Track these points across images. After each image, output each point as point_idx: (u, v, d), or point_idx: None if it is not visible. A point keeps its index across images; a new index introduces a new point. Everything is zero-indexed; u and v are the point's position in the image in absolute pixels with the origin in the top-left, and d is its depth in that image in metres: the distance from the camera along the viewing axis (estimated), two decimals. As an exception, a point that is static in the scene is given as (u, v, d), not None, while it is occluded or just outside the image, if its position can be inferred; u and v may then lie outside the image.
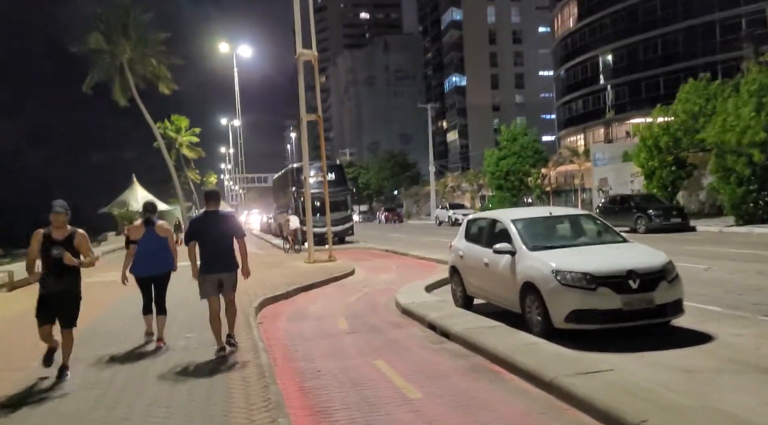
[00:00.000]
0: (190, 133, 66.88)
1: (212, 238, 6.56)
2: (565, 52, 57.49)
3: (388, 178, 69.02)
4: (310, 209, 18.00)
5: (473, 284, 8.52)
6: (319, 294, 11.86)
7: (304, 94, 17.50)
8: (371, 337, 7.52)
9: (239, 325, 7.95)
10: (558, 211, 8.29)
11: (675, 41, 44.64)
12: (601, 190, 33.00)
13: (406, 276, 13.80)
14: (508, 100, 78.78)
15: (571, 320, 6.32)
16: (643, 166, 24.33)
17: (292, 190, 28.54)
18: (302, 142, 17.78)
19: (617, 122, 50.06)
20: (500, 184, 38.87)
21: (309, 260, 17.35)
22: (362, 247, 24.24)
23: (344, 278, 14.02)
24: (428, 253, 18.14)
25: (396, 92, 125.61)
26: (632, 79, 47.95)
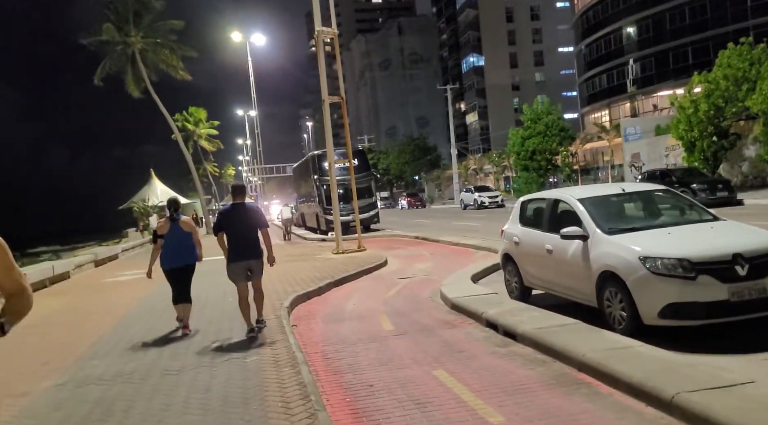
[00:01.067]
0: (208, 125, 66.41)
1: (239, 229, 7.07)
2: (586, 26, 55.54)
3: (408, 162, 67.85)
4: (336, 197, 17.02)
5: (532, 274, 7.53)
6: (353, 288, 10.96)
7: (324, 77, 16.49)
8: (423, 340, 6.59)
9: (272, 330, 7.16)
10: (631, 187, 7.22)
11: (703, 8, 42.65)
12: (633, 166, 31.63)
13: (443, 265, 12.86)
14: (528, 78, 76.84)
15: (667, 315, 5.31)
16: (683, 137, 22.96)
17: (314, 178, 27.66)
18: (325, 124, 16.82)
19: (643, 96, 48.25)
20: (526, 164, 37.61)
21: (337, 250, 16.49)
22: (389, 235, 23.32)
23: (377, 269, 13.10)
24: (461, 239, 17.18)
25: (411, 75, 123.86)
26: (659, 50, 46.04)
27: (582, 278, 6.33)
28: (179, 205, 7.95)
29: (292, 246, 21.62)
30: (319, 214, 28.25)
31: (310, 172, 28.94)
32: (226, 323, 8.01)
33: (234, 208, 7.26)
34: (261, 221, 7.28)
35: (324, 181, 27.19)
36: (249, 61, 51.80)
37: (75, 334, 8.28)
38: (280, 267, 14.35)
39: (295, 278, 11.85)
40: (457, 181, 51.24)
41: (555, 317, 6.28)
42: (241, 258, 7.05)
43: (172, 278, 7.58)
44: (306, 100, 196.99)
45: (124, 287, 13.65)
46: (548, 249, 6.93)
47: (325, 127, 16.82)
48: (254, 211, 7.37)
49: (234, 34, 47.11)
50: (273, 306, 8.83)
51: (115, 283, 14.72)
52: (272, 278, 12.04)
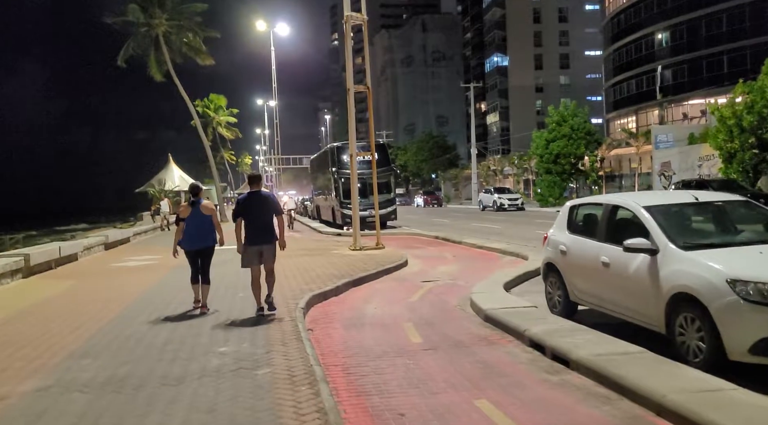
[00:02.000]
0: (227, 112, 65.93)
1: (255, 215, 7.56)
2: (616, 30, 54.24)
3: (426, 159, 66.89)
4: (356, 191, 16.24)
5: (581, 288, 6.68)
6: (372, 289, 10.16)
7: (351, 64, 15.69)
8: (458, 358, 5.77)
9: (287, 334, 6.43)
10: (705, 196, 6.33)
11: (742, 16, 41.27)
12: (663, 175, 30.53)
13: (468, 269, 12.04)
14: (553, 80, 75.48)
15: (760, 351, 4.45)
16: (721, 148, 21.89)
17: (332, 171, 26.90)
18: (349, 115, 16.01)
19: (673, 104, 46.93)
20: (549, 167, 36.56)
21: (355, 247, 15.70)
22: (408, 233, 22.49)
23: (397, 270, 12.29)
24: (485, 242, 16.33)
25: (433, 73, 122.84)
26: (691, 57, 44.72)
27: (647, 298, 5.48)
28: (200, 190, 8.43)
29: (307, 240, 20.87)
30: (335, 208, 27.51)
31: (328, 164, 28.18)
32: (233, 322, 7.25)
33: (251, 196, 7.68)
34: (276, 209, 7.82)
35: (342, 173, 26.45)
36: (272, 50, 51.20)
37: (71, 325, 7.56)
38: (295, 261, 13.66)
39: (311, 274, 11.09)
40: (475, 181, 50.27)
41: (614, 342, 5.43)
42: (256, 243, 7.54)
43: (191, 258, 8.09)
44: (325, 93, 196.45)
45: (131, 274, 12.96)
46: (604, 262, 6.08)
47: (348, 117, 16.02)
48: (270, 199, 7.82)
49: (259, 23, 46.52)
50: (287, 305, 8.07)
51: (122, 269, 14.04)
52: (287, 273, 11.30)
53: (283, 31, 47.87)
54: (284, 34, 48.14)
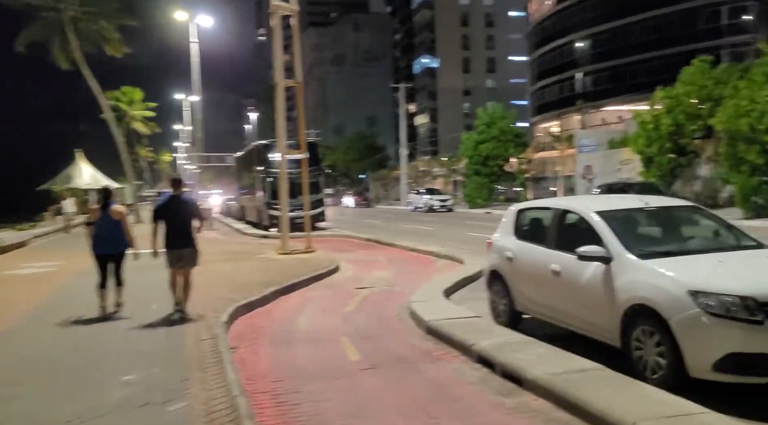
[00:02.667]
0: (143, 106, 62.76)
1: (175, 219, 7.53)
2: (541, 36, 55.83)
3: (356, 160, 66.39)
4: (286, 190, 15.46)
5: (529, 297, 6.33)
6: (303, 298, 9.49)
7: (280, 57, 14.90)
8: (403, 377, 5.24)
9: (206, 355, 5.70)
10: (654, 201, 6.10)
11: (657, 27, 43.35)
12: (585, 178, 31.44)
13: (404, 274, 11.59)
14: (480, 84, 76.93)
15: (725, 369, 4.18)
16: (642, 152, 22.64)
17: (258, 170, 25.86)
18: (277, 111, 15.21)
19: (593, 109, 48.71)
20: (478, 169, 36.93)
21: (283, 250, 14.93)
22: (338, 235, 21.86)
23: (329, 276, 11.66)
24: (419, 244, 15.96)
25: (364, 73, 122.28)
26: (611, 65, 46.60)
27: (601, 310, 5.15)
28: (110, 194, 8.21)
29: (231, 242, 19.83)
30: (261, 208, 26.47)
31: (254, 162, 27.11)
32: (144, 341, 6.41)
33: (171, 200, 7.67)
34: (195, 213, 7.83)
35: (270, 172, 25.48)
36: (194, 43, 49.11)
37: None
38: (217, 267, 12.73)
39: (235, 282, 10.28)
40: (405, 181, 50.25)
41: (568, 358, 5.06)
42: (175, 247, 7.55)
43: (101, 263, 7.91)
44: (251, 89, 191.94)
45: (24, 283, 11.60)
46: (554, 270, 5.73)
47: (277, 114, 15.22)
48: (190, 204, 7.87)
49: (179, 13, 44.46)
50: (208, 319, 7.29)
51: (14, 278, 12.55)
52: (207, 280, 10.43)
53: (206, 22, 46.02)
54: (207, 25, 46.31)
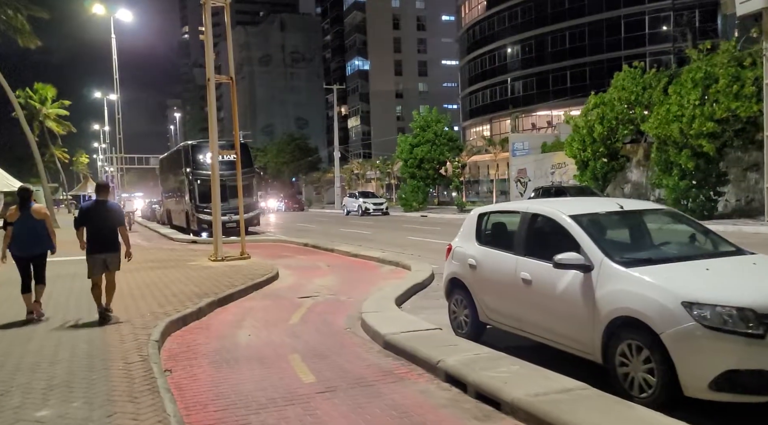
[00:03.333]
0: (57, 105, 59.14)
1: (99, 225, 7.51)
2: (471, 41, 56.66)
3: (287, 162, 64.99)
4: (218, 193, 14.51)
5: (494, 308, 5.90)
6: (242, 310, 8.72)
7: (211, 51, 13.96)
8: (364, 402, 4.66)
9: (135, 381, 4.90)
10: (630, 204, 5.79)
11: (582, 35, 44.86)
12: (519, 182, 31.89)
13: (348, 282, 11.01)
14: (412, 87, 77.35)
15: (723, 387, 3.86)
16: (576, 156, 23.07)
17: (186, 171, 24.51)
18: (209, 109, 14.24)
19: (524, 114, 49.87)
20: (414, 172, 36.79)
21: (216, 257, 14.00)
22: (273, 240, 20.99)
23: (268, 284, 10.91)
24: (360, 249, 15.44)
25: (292, 74, 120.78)
26: (540, 71, 47.82)
27: (579, 322, 4.77)
28: (31, 194, 7.96)
29: (157, 249, 18.57)
30: (189, 212, 25.12)
31: (182, 163, 25.68)
32: (62, 365, 5.52)
33: (96, 205, 7.70)
34: (119, 219, 7.73)
35: (198, 174, 24.25)
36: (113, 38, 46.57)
37: None
38: (144, 276, 11.69)
39: (165, 293, 9.37)
40: (338, 184, 49.60)
41: (547, 375, 4.64)
42: (100, 251, 7.51)
43: (21, 265, 7.68)
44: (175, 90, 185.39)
45: None
46: (524, 278, 5.33)
47: (209, 111, 14.26)
48: (114, 210, 7.79)
49: (96, 6, 42.08)
50: (137, 337, 6.45)
51: None
52: (134, 292, 9.49)
53: (126, 17, 43.76)
54: (127, 20, 44.09)
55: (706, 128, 17.12)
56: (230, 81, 14.45)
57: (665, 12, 40.37)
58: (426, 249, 15.81)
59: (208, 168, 24.65)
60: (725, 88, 17.03)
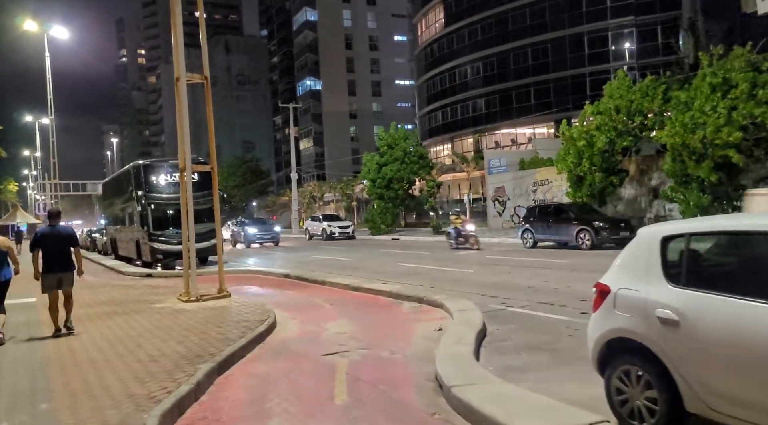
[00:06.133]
0: (-17, 128, 54.24)
1: (54, 247, 8.40)
2: (429, 59, 55.48)
3: (238, 185, 61.61)
4: (191, 217, 11.83)
5: (724, 392, 3.65)
6: (254, 378, 6.20)
7: (182, 45, 11.44)
8: None
9: None
10: None
11: (545, 51, 44.24)
12: (497, 200, 30.22)
13: (370, 326, 8.65)
14: (366, 107, 75.61)
15: None
16: (571, 171, 21.45)
17: (137, 195, 21.47)
18: (179, 113, 11.61)
19: (487, 132, 48.73)
20: (382, 192, 34.59)
21: (187, 296, 11.31)
22: (244, 270, 18.28)
23: (269, 333, 8.40)
24: (357, 281, 13.04)
25: (238, 97, 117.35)
26: (502, 88, 46.87)
27: None
28: None
29: (109, 286, 15.53)
30: (141, 241, 22.04)
31: (132, 186, 22.60)
32: None
33: (52, 229, 8.51)
34: (73, 241, 8.61)
35: (153, 198, 21.30)
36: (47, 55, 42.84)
37: None
38: (104, 329, 8.76)
39: (138, 356, 6.75)
40: (296, 208, 46.86)
41: None
42: (55, 271, 8.33)
43: None
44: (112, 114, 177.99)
45: None
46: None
47: (178, 119, 11.64)
48: (68, 233, 8.68)
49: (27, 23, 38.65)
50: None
51: None
52: (97, 356, 6.85)
53: (62, 34, 40.37)
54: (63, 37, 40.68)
55: (734, 138, 15.71)
56: (204, 80, 11.93)
57: (628, 28, 40.15)
58: (431, 278, 13.59)
59: (163, 190, 21.85)
60: (744, 94, 15.73)
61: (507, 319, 8.41)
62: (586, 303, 9.20)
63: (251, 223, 34.82)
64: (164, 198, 21.38)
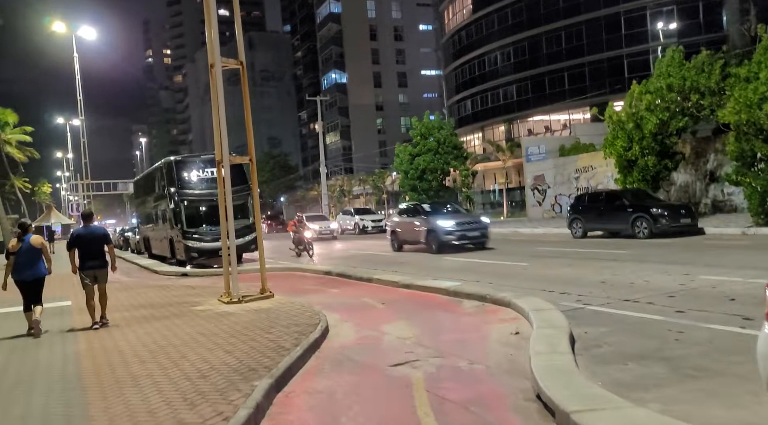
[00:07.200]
0: (18, 130, 54.85)
1: (89, 245, 9.09)
2: (457, 47, 54.15)
3: (267, 181, 61.23)
4: (231, 213, 11.15)
5: None
6: (318, 395, 5.37)
7: (216, 29, 10.67)
8: None
9: None
10: None
11: (579, 34, 42.63)
12: (537, 189, 29.04)
13: (433, 330, 7.78)
14: (392, 99, 74.56)
15: None
16: (620, 156, 20.21)
17: (170, 192, 20.93)
18: (214, 105, 10.87)
19: (519, 120, 47.36)
20: (415, 184, 33.62)
21: (228, 297, 10.60)
22: (282, 268, 17.53)
23: (324, 340, 7.57)
24: (407, 277, 12.15)
25: (262, 93, 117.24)
26: (535, 73, 45.39)
27: None
28: (28, 226, 9.06)
29: (145, 287, 14.92)
30: (174, 239, 21.52)
31: (163, 184, 22.09)
32: None
33: (86, 229, 9.16)
34: (107, 239, 9.28)
35: (186, 195, 20.75)
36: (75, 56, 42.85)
37: None
38: (143, 336, 8.06)
39: (184, 369, 5.99)
40: (326, 202, 46.19)
41: None
42: (90, 268, 9.04)
43: (22, 288, 8.87)
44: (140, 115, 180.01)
45: None
46: None
47: (214, 106, 10.91)
48: (101, 232, 9.35)
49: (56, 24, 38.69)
50: None
51: None
52: (138, 370, 6.07)
53: (89, 34, 40.34)
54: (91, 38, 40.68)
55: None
56: (240, 66, 11.17)
57: (668, 6, 38.35)
58: (484, 273, 12.67)
59: (195, 186, 21.24)
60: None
61: (590, 320, 7.45)
62: (676, 299, 8.20)
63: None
64: (197, 194, 20.81)
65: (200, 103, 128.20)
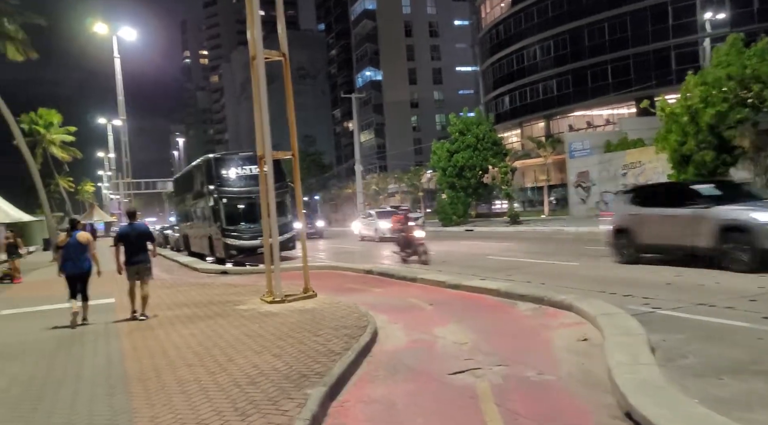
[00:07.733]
0: (62, 130, 56.19)
1: (133, 242, 9.56)
2: (494, 41, 53.18)
3: (302, 180, 61.23)
4: (274, 210, 10.87)
5: None
6: (375, 407, 4.94)
7: (258, 19, 10.34)
8: None
9: None
10: None
11: (623, 25, 41.28)
12: (581, 186, 28.13)
13: (490, 333, 7.31)
14: (427, 96, 73.85)
15: None
16: (675, 150, 19.25)
17: (209, 189, 20.88)
18: (255, 98, 10.57)
19: (559, 115, 46.20)
20: (453, 181, 32.98)
21: (271, 296, 10.29)
22: (321, 266, 17.18)
23: (374, 344, 7.15)
24: (456, 277, 11.64)
25: (297, 91, 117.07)
26: (576, 67, 44.17)
27: None
28: (77, 223, 9.70)
29: (186, 285, 14.75)
30: (214, 237, 21.49)
31: (203, 181, 22.07)
32: None
33: (130, 227, 9.69)
34: (150, 236, 9.77)
35: (225, 192, 20.68)
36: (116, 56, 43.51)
37: None
38: (186, 336, 7.81)
39: (232, 373, 5.65)
40: (361, 200, 45.89)
41: None
42: (134, 263, 9.50)
43: (69, 281, 9.36)
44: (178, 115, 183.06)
45: None
46: None
47: (255, 100, 10.61)
48: (144, 229, 9.82)
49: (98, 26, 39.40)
50: None
51: None
52: (183, 374, 5.75)
53: (129, 36, 40.97)
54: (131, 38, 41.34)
55: None
56: (282, 58, 10.84)
57: (717, -6, 36.78)
58: (534, 273, 12.08)
59: (235, 184, 21.12)
60: None
61: (664, 326, 6.84)
62: (758, 304, 7.52)
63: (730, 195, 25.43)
64: (236, 192, 20.72)
65: (236, 103, 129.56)
